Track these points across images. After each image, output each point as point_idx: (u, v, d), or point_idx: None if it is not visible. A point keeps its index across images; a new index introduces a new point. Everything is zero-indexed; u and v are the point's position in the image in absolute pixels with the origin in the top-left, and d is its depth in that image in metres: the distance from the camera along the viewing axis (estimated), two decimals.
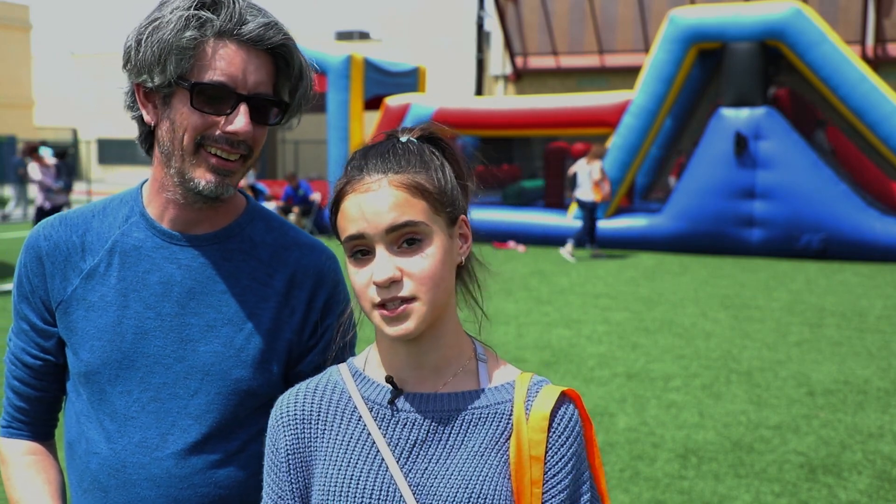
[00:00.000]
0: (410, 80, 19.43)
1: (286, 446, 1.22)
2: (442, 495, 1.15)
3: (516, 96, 24.69)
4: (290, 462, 1.22)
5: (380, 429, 1.19)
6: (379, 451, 1.18)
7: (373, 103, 18.02)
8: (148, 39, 1.30)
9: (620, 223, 14.88)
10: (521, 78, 26.93)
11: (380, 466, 1.17)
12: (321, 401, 1.23)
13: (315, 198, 17.31)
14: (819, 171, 13.39)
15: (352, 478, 1.17)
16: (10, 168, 24.78)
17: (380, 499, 1.15)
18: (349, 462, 1.18)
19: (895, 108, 13.30)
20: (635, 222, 14.85)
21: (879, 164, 14.72)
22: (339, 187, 1.17)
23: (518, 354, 7.12)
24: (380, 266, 1.12)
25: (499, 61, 28.39)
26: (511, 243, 15.32)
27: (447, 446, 1.18)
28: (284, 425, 1.23)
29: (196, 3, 1.31)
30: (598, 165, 13.68)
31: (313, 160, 26.93)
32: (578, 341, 7.74)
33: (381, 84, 18.05)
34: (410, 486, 1.16)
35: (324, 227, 16.71)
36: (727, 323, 8.69)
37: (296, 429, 1.22)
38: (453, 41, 33.28)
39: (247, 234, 1.46)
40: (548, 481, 1.17)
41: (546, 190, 17.41)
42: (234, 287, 1.42)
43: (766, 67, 14.05)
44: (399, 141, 1.20)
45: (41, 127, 42.44)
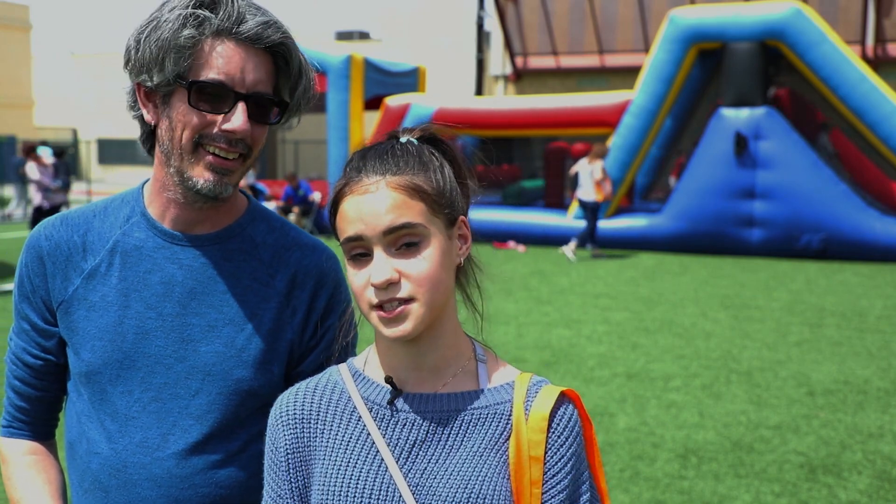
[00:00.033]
0: (410, 80, 19.43)
1: (286, 445, 1.22)
2: (441, 495, 1.15)
3: (516, 96, 24.69)
4: (289, 461, 1.22)
5: (379, 429, 1.19)
6: (378, 452, 1.18)
7: (373, 103, 18.01)
8: (147, 39, 1.31)
9: (620, 223, 14.87)
10: (521, 78, 26.92)
11: (379, 467, 1.17)
12: (321, 400, 1.23)
13: (315, 198, 17.31)
14: (819, 171, 13.39)
15: (351, 478, 1.17)
16: (10, 168, 24.76)
17: (379, 499, 1.15)
18: (349, 462, 1.18)
19: (895, 108, 13.29)
20: (635, 222, 14.85)
21: (879, 164, 14.72)
22: (337, 188, 1.17)
23: (518, 354, 7.12)
24: (377, 268, 1.12)
25: (499, 61, 28.38)
26: (511, 243, 15.32)
27: (446, 447, 1.18)
28: (284, 424, 1.23)
29: (194, 2, 1.31)
30: (600, 165, 13.67)
31: (313, 160, 26.92)
32: (578, 341, 7.75)
33: (381, 84, 18.04)
34: (410, 486, 1.16)
35: (324, 227, 16.71)
36: (727, 323, 8.69)
37: (295, 428, 1.22)
38: (453, 41, 33.26)
39: (248, 235, 1.46)
40: (547, 481, 1.17)
41: (546, 190, 17.41)
42: (236, 287, 1.42)
43: (766, 67, 14.04)
44: (398, 142, 1.20)
45: (41, 127, 42.42)
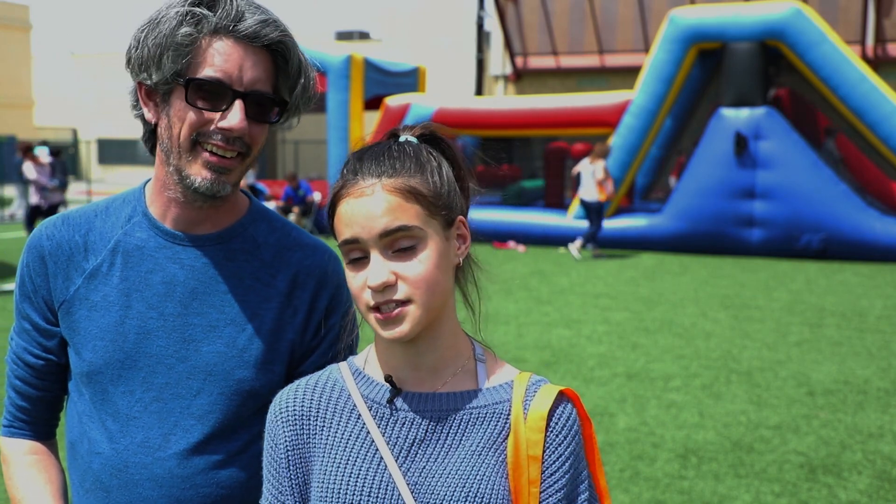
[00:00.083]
0: (410, 80, 19.42)
1: (286, 442, 1.23)
2: (440, 494, 1.15)
3: (516, 96, 24.68)
4: (289, 458, 1.22)
5: (379, 427, 1.20)
6: (378, 450, 1.18)
7: (373, 103, 18.00)
8: (146, 37, 1.31)
9: (620, 223, 14.87)
10: (521, 78, 26.91)
11: (378, 465, 1.17)
12: (321, 398, 1.24)
13: (315, 198, 17.31)
14: (819, 171, 13.38)
15: (350, 476, 1.17)
16: (10, 168, 24.74)
17: (378, 497, 1.16)
18: (348, 460, 1.19)
19: (895, 108, 13.29)
20: (635, 222, 14.85)
21: (879, 164, 14.72)
22: (335, 190, 1.18)
23: (518, 354, 7.13)
24: (374, 270, 1.13)
25: (499, 61, 28.37)
26: (511, 243, 15.31)
27: (445, 446, 1.18)
28: (284, 421, 1.23)
29: (193, 0, 1.31)
30: (602, 165, 13.65)
31: (313, 160, 26.89)
32: (578, 341, 7.75)
33: (381, 84, 18.04)
34: (409, 484, 1.16)
35: (324, 227, 16.70)
36: (727, 323, 8.69)
37: (295, 425, 1.23)
38: (453, 41, 33.25)
39: (249, 235, 1.46)
40: (545, 480, 1.18)
41: (546, 190, 17.41)
42: (237, 287, 1.42)
43: (766, 67, 14.04)
44: (396, 142, 1.20)
45: (41, 127, 42.40)
